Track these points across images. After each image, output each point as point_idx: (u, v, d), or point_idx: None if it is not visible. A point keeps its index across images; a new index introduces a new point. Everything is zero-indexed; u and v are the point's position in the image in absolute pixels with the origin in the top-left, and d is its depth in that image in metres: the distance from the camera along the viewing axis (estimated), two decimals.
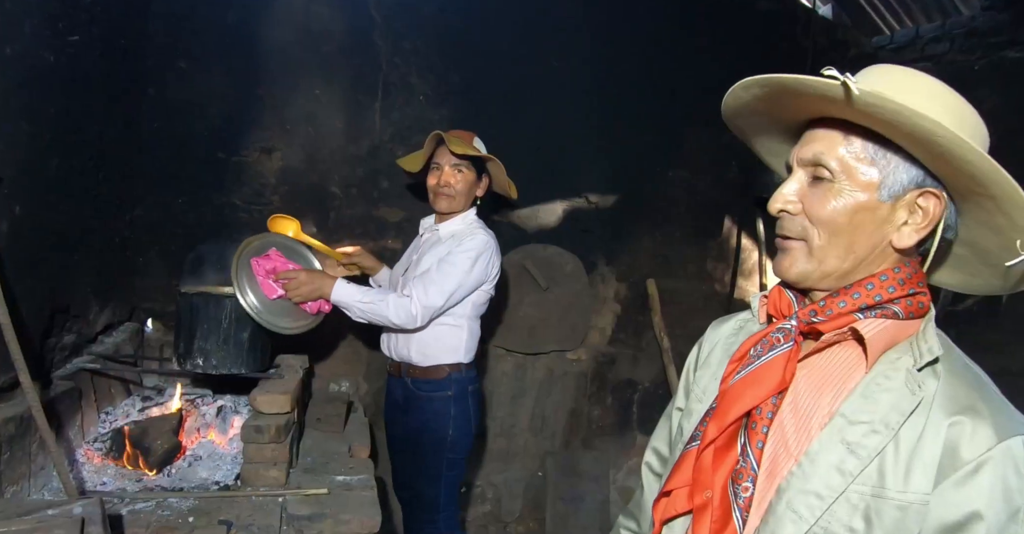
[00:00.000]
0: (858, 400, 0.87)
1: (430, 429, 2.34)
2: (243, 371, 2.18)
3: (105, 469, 1.99)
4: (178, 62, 2.61)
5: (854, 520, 0.83)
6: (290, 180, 2.78)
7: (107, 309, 2.45)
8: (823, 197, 0.91)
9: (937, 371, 0.86)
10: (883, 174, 0.90)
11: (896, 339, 0.90)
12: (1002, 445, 0.79)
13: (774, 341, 0.95)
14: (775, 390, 0.92)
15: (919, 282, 0.94)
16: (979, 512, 0.78)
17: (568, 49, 3.04)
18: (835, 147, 0.91)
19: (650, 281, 3.29)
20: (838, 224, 0.91)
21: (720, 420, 0.94)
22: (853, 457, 0.84)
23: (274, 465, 1.96)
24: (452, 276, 2.22)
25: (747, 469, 0.91)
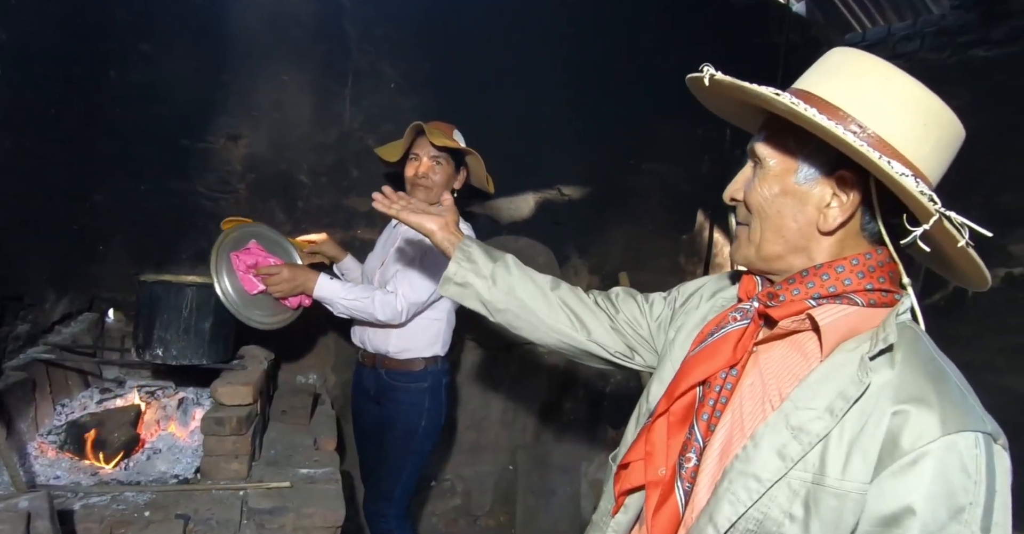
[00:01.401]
0: (808, 386, 0.86)
1: (402, 420, 2.32)
2: (204, 362, 2.12)
3: (59, 463, 1.93)
4: (141, 45, 2.53)
5: (794, 507, 0.82)
6: (257, 168, 2.72)
7: (64, 298, 2.37)
8: (754, 184, 0.96)
9: (894, 360, 0.84)
10: (799, 159, 0.92)
11: (859, 328, 0.89)
12: (946, 439, 0.76)
13: (730, 319, 0.98)
14: (724, 365, 0.94)
15: (886, 274, 0.91)
16: (912, 507, 0.75)
17: (542, 40, 3.01)
18: (765, 137, 0.96)
19: (622, 274, 3.28)
20: (764, 209, 0.95)
21: (670, 392, 0.98)
22: (795, 442, 0.83)
23: (235, 458, 1.92)
24: (436, 270, 2.19)
25: (692, 441, 0.93)
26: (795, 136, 0.92)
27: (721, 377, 0.94)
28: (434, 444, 2.42)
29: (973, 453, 0.76)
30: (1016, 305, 2.72)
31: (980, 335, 2.81)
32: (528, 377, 3.25)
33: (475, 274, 1.31)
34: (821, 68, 0.94)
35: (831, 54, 0.95)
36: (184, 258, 2.64)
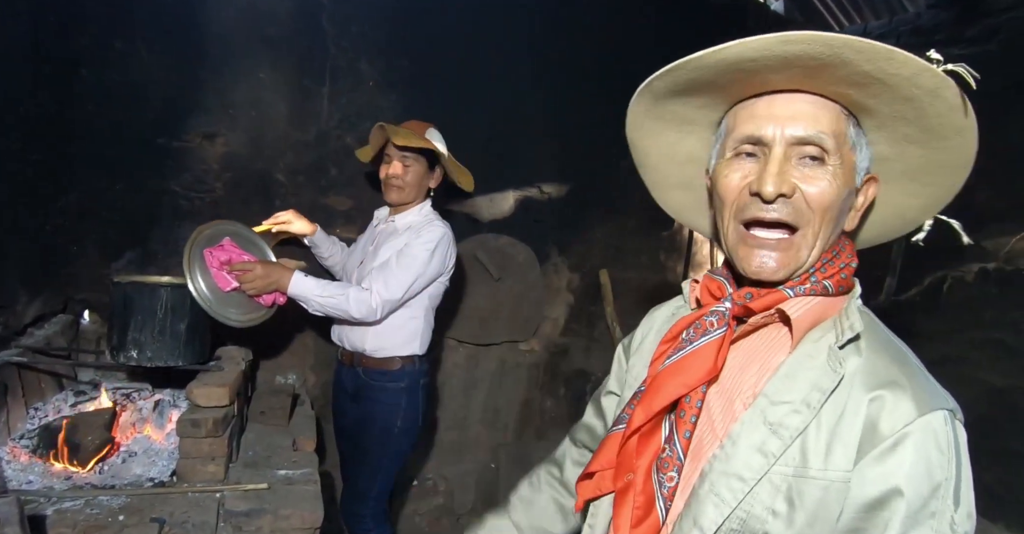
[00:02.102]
0: (781, 380, 0.86)
1: (379, 419, 2.32)
2: (180, 363, 2.10)
3: (32, 467, 1.90)
4: (115, 42, 2.49)
5: (777, 502, 0.81)
6: (234, 166, 2.69)
7: (37, 300, 2.34)
8: (820, 179, 0.85)
9: (860, 347, 0.85)
10: (859, 157, 0.89)
11: (822, 317, 0.89)
12: (922, 420, 0.78)
13: (707, 325, 0.92)
14: (706, 378, 0.89)
15: (850, 253, 0.94)
16: (899, 488, 0.76)
17: (521, 38, 3.01)
18: (828, 124, 0.85)
19: (603, 271, 3.29)
20: (834, 210, 0.86)
21: (647, 407, 0.92)
22: (775, 438, 0.83)
23: (212, 460, 1.90)
24: (411, 268, 2.20)
25: (672, 458, 0.89)
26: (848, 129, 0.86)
27: (701, 391, 0.90)
28: (412, 444, 2.41)
29: (944, 430, 0.79)
30: (990, 300, 2.75)
31: (955, 329, 2.85)
32: (509, 376, 3.25)
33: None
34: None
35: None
36: (160, 259, 2.61)
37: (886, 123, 0.86)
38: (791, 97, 0.86)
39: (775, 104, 0.87)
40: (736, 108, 0.92)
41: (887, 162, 0.92)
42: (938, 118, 0.82)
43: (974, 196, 2.89)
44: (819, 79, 0.83)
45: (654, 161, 1.08)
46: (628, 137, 1.07)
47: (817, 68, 0.81)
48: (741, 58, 0.82)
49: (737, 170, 0.89)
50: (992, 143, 2.78)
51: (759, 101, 0.89)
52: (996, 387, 2.68)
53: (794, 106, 0.86)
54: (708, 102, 0.94)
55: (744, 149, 0.89)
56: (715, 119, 0.98)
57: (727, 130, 0.93)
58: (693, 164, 1.05)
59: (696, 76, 0.88)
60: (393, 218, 2.39)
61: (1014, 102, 2.68)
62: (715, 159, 0.95)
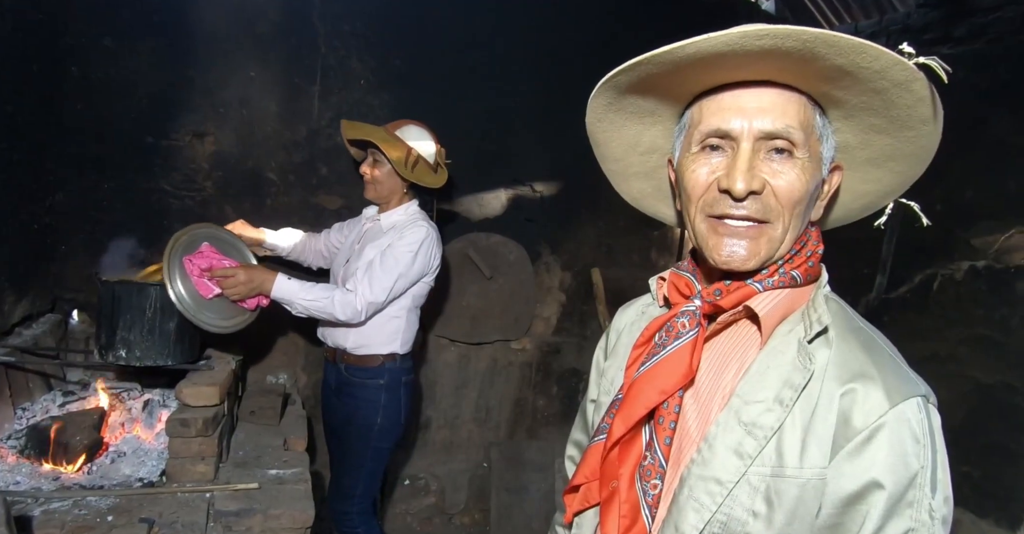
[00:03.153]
0: (753, 378, 0.84)
1: (359, 416, 2.33)
2: (169, 363, 2.09)
3: (19, 468, 1.89)
4: (103, 39, 2.48)
5: (756, 503, 0.80)
6: (224, 165, 2.68)
7: (25, 299, 2.32)
8: (789, 173, 0.83)
9: (829, 340, 0.83)
10: (825, 148, 0.87)
11: (790, 309, 0.87)
12: (895, 410, 0.77)
13: (679, 327, 0.89)
14: (681, 382, 0.87)
15: (816, 240, 0.92)
16: (876, 481, 0.75)
17: (512, 36, 3.00)
18: (796, 117, 0.83)
19: (594, 270, 3.29)
20: (803, 203, 0.84)
21: (626, 417, 0.89)
22: (750, 438, 0.81)
23: (201, 460, 1.90)
24: (394, 270, 2.21)
25: (655, 466, 0.87)
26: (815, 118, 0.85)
27: (679, 396, 0.88)
28: (394, 442, 2.41)
29: (919, 418, 0.78)
30: (979, 297, 2.77)
31: (944, 326, 2.86)
32: (501, 375, 3.25)
33: None
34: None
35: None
36: (149, 258, 2.59)
37: (854, 114, 0.85)
38: (758, 89, 0.83)
39: (742, 97, 0.84)
40: (701, 100, 0.89)
41: (851, 150, 0.91)
42: (906, 109, 0.82)
43: (963, 194, 2.91)
44: (789, 72, 0.81)
45: (615, 152, 1.05)
46: (588, 130, 1.04)
47: (788, 63, 0.79)
48: (709, 53, 0.79)
49: (704, 165, 0.86)
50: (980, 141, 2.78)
51: (725, 94, 0.85)
52: (985, 383, 2.69)
53: (762, 98, 0.83)
54: (671, 93, 0.92)
55: (710, 143, 0.86)
56: (678, 109, 0.95)
57: (692, 122, 0.90)
58: (655, 153, 1.03)
59: (659, 70, 0.86)
60: (379, 217, 2.39)
61: (1002, 100, 2.70)
62: (679, 151, 0.93)
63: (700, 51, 0.79)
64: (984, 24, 2.87)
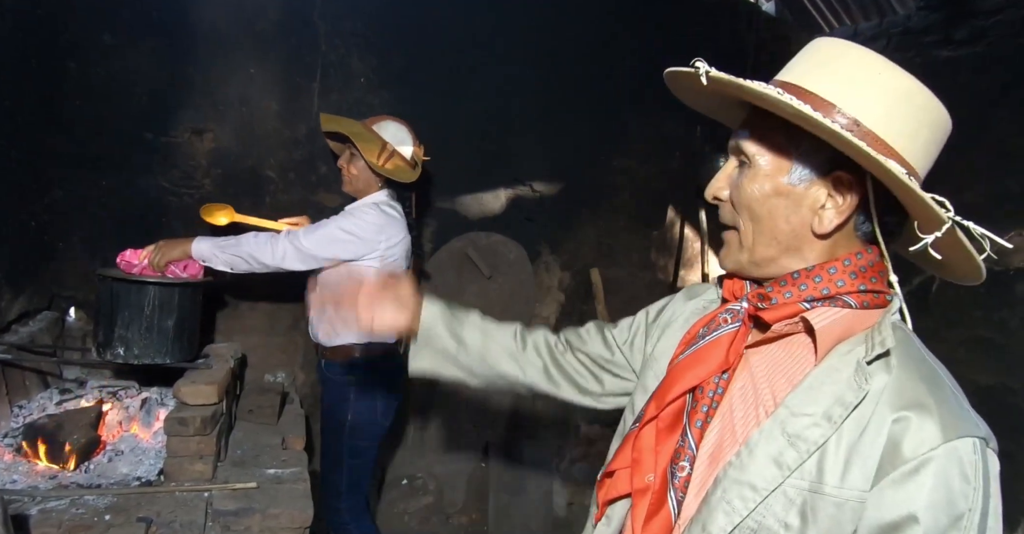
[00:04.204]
0: (804, 392, 0.83)
1: (330, 412, 2.34)
2: (168, 361, 2.08)
3: (16, 466, 1.88)
4: (102, 36, 2.46)
5: (790, 516, 0.79)
6: (223, 163, 2.66)
7: (22, 296, 2.30)
8: (743, 183, 0.91)
9: (890, 364, 0.81)
10: (792, 158, 0.88)
11: (852, 330, 0.86)
12: (948, 445, 0.74)
13: (721, 322, 0.94)
14: (717, 370, 0.90)
15: (877, 274, 0.89)
16: (915, 515, 0.73)
17: (511, 35, 3.00)
18: (756, 133, 0.90)
19: (594, 270, 3.28)
20: (755, 210, 0.90)
21: (660, 398, 0.93)
22: (792, 450, 0.80)
23: (199, 459, 1.88)
24: (324, 238, 2.18)
25: (685, 448, 0.89)
26: (786, 133, 0.87)
27: (714, 381, 0.90)
28: (372, 441, 2.38)
29: (972, 459, 0.75)
30: (978, 299, 2.77)
31: (943, 328, 2.86)
32: None
33: (442, 358, 1.26)
34: (810, 59, 0.90)
35: (819, 44, 0.91)
36: None
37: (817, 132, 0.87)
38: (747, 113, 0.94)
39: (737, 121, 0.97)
40: None
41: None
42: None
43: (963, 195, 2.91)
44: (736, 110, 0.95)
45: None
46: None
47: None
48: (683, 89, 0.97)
49: None
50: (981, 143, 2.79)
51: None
52: (984, 386, 2.69)
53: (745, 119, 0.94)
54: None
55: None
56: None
57: None
58: None
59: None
60: (346, 208, 2.39)
61: (1001, 102, 2.70)
62: None
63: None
64: (985, 27, 2.87)
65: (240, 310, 2.75)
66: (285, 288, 2.75)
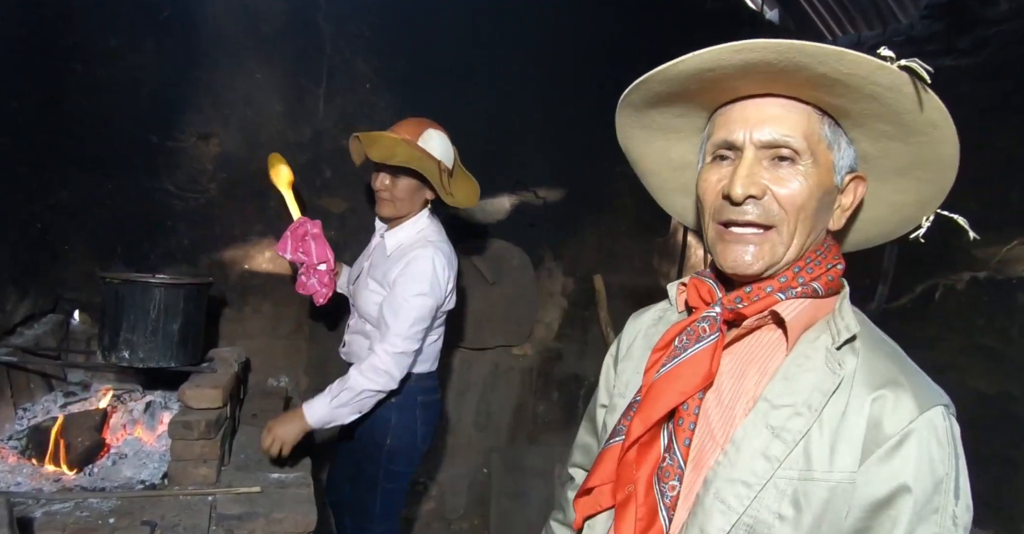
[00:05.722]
0: (780, 383, 0.86)
1: (368, 436, 2.16)
2: (172, 364, 2.07)
3: (20, 469, 1.87)
4: (108, 38, 2.47)
5: (783, 506, 0.81)
6: (228, 166, 2.67)
7: (27, 299, 2.30)
8: (791, 179, 0.87)
9: (856, 348, 0.86)
10: (836, 156, 0.90)
11: (815, 318, 0.90)
12: (924, 416, 0.79)
13: (700, 331, 0.92)
14: (702, 384, 0.89)
15: (835, 254, 0.95)
16: (906, 485, 0.77)
17: (517, 40, 3.01)
18: (798, 126, 0.87)
19: (596, 276, 3.29)
20: (809, 209, 0.87)
21: (645, 417, 0.91)
22: (778, 441, 0.83)
23: (203, 463, 1.88)
24: (408, 316, 1.98)
25: (673, 467, 0.88)
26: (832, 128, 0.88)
27: (698, 397, 0.90)
28: (410, 464, 2.22)
29: (944, 425, 0.81)
30: (980, 307, 2.78)
31: (945, 336, 2.87)
32: (502, 380, 3.24)
33: None
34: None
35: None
36: (152, 258, 2.59)
37: (860, 121, 0.88)
38: (762, 101, 0.89)
39: (747, 109, 0.89)
40: (715, 115, 0.95)
41: (874, 160, 0.93)
42: (908, 114, 0.84)
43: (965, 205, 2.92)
44: (780, 83, 0.85)
45: (651, 167, 1.10)
46: (621, 146, 1.10)
47: (775, 74, 0.83)
48: (700, 68, 0.85)
49: (714, 174, 0.91)
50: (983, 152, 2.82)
51: (734, 107, 0.91)
52: (986, 394, 2.70)
53: (764, 110, 0.88)
54: (686, 111, 0.98)
55: (720, 153, 0.92)
56: (699, 126, 1.00)
57: (707, 136, 0.96)
58: (688, 169, 1.07)
59: (663, 88, 0.92)
60: (384, 235, 2.17)
61: (1004, 112, 2.71)
62: (700, 165, 0.98)
63: (690, 68, 0.86)
64: (988, 36, 2.89)
65: (243, 314, 2.75)
66: (288, 292, 2.76)
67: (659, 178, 1.10)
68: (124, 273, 2.14)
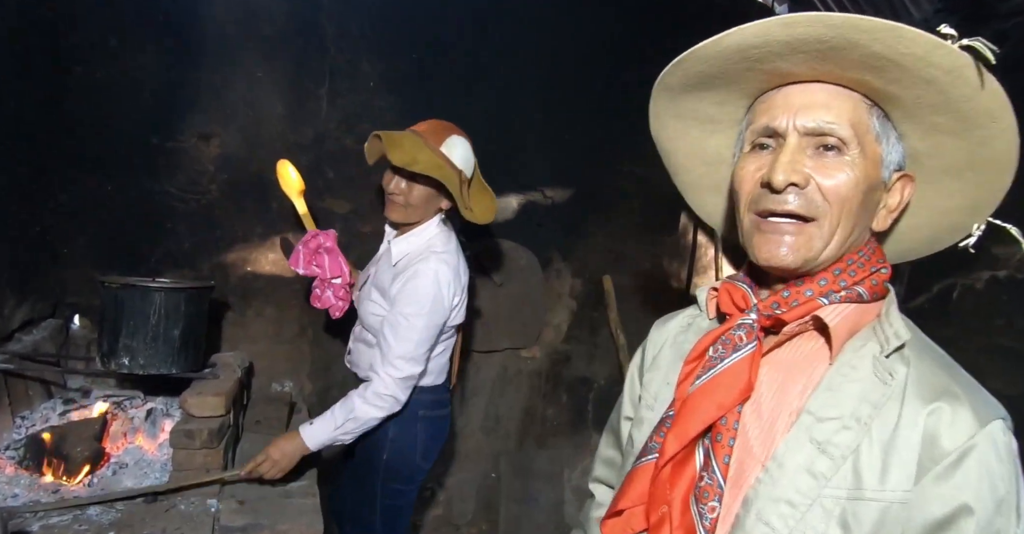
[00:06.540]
0: (824, 394, 0.80)
1: (366, 450, 2.05)
2: (174, 371, 2.02)
3: (17, 480, 1.83)
4: (108, 39, 2.42)
5: (830, 528, 0.75)
6: (229, 168, 2.62)
7: (25, 304, 2.26)
8: (837, 169, 0.81)
9: (905, 356, 0.80)
10: (885, 149, 0.84)
11: (859, 325, 0.84)
12: (984, 431, 0.73)
13: (736, 340, 0.86)
14: (740, 397, 0.83)
15: (880, 258, 0.89)
16: (968, 505, 0.71)
17: (523, 40, 2.95)
18: (845, 114, 0.81)
19: (606, 277, 3.23)
20: (853, 203, 0.81)
21: (681, 433, 0.85)
22: (825, 457, 0.77)
23: (206, 472, 1.84)
24: (409, 338, 1.88)
25: (713, 487, 0.82)
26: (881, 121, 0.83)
27: (737, 411, 0.84)
28: (410, 481, 2.12)
29: (1004, 440, 0.75)
30: (999, 307, 2.71)
31: (963, 337, 2.80)
32: (510, 383, 3.18)
33: None
34: None
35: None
36: (153, 261, 2.54)
37: (913, 112, 0.82)
38: (807, 87, 0.84)
39: (791, 94, 0.84)
40: (755, 103, 0.90)
41: (923, 158, 0.87)
42: (966, 102, 0.78)
43: None
44: (830, 63, 0.79)
45: (683, 162, 1.04)
46: (654, 137, 1.04)
47: (825, 52, 0.77)
48: (744, 45, 0.81)
49: (752, 162, 0.86)
50: None
51: (777, 92, 0.86)
52: (1006, 395, 2.62)
53: (809, 96, 0.83)
54: (726, 97, 0.92)
55: (760, 141, 0.86)
56: (738, 117, 0.95)
57: (746, 124, 0.91)
58: (723, 165, 1.01)
59: (704, 68, 0.87)
60: (392, 242, 2.05)
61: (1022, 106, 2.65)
62: (737, 156, 0.92)
63: (733, 44, 0.81)
64: (1005, 29, 2.82)
65: (246, 317, 2.70)
66: (290, 295, 2.71)
67: (691, 175, 1.04)
68: (123, 277, 2.09)
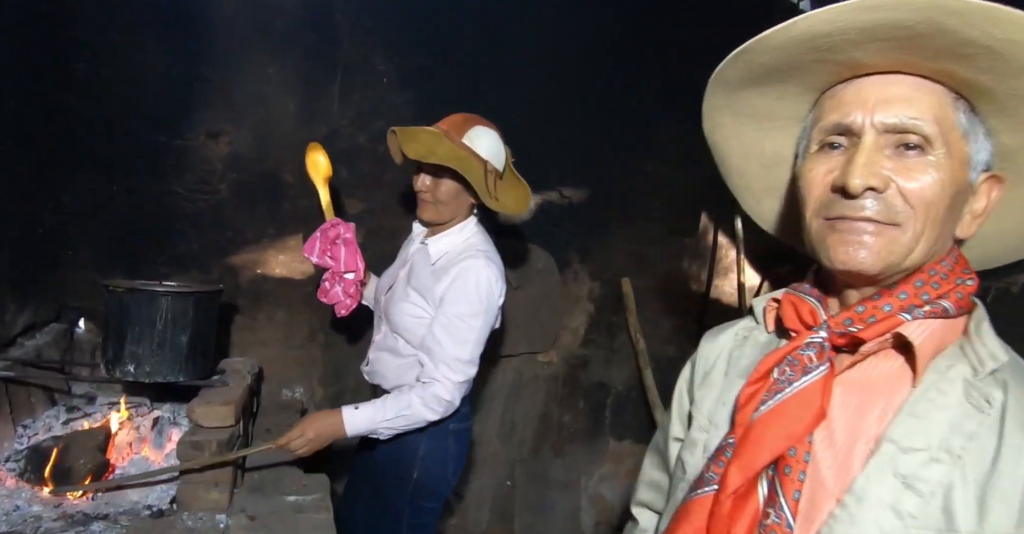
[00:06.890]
0: (908, 421, 0.71)
1: (394, 467, 1.94)
2: (181, 379, 1.94)
3: (19, 492, 1.75)
4: (112, 34, 2.34)
5: None
6: (239, 167, 2.54)
7: (28, 308, 2.19)
8: (921, 171, 0.72)
9: (1001, 380, 0.70)
10: (972, 148, 0.74)
11: (944, 343, 0.74)
12: None
13: (805, 361, 0.76)
14: (812, 425, 0.74)
15: (964, 268, 0.79)
16: None
17: (541, 36, 2.86)
18: (929, 109, 0.72)
19: (625, 280, 3.14)
20: (939, 208, 0.72)
21: (745, 465, 0.75)
22: (911, 493, 0.68)
23: (215, 486, 1.75)
24: (468, 338, 1.80)
25: (781, 526, 0.73)
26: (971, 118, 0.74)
27: (808, 441, 0.75)
28: (440, 498, 2.02)
29: None
30: None
31: None
32: (526, 390, 3.09)
33: None
34: None
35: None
36: (160, 263, 2.46)
37: (1007, 104, 0.72)
38: (885, 78, 0.74)
39: (864, 87, 0.75)
40: (823, 97, 0.81)
41: (1015, 156, 0.78)
42: None
43: None
44: (914, 53, 0.70)
45: (738, 163, 0.95)
46: (707, 137, 0.95)
47: (908, 40, 0.68)
48: (813, 33, 0.72)
49: (822, 164, 0.77)
50: None
51: (848, 86, 0.77)
52: None
53: (887, 89, 0.74)
54: (787, 92, 0.83)
55: (830, 140, 0.77)
56: (801, 114, 0.85)
57: (812, 121, 0.81)
58: (783, 166, 0.92)
59: (769, 60, 0.78)
60: (427, 241, 1.95)
61: None
62: (801, 156, 0.83)
63: (802, 32, 0.72)
64: None
65: (256, 321, 2.62)
66: (302, 298, 2.63)
67: (746, 177, 0.95)
68: (129, 281, 2.00)
